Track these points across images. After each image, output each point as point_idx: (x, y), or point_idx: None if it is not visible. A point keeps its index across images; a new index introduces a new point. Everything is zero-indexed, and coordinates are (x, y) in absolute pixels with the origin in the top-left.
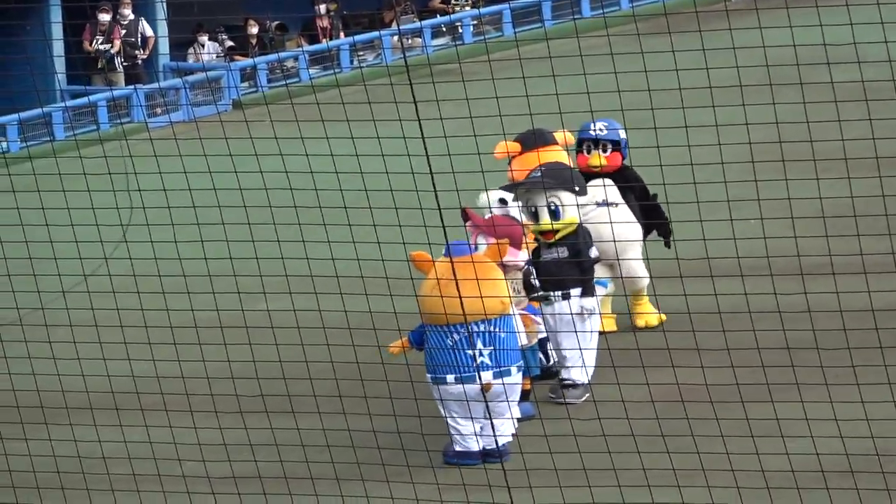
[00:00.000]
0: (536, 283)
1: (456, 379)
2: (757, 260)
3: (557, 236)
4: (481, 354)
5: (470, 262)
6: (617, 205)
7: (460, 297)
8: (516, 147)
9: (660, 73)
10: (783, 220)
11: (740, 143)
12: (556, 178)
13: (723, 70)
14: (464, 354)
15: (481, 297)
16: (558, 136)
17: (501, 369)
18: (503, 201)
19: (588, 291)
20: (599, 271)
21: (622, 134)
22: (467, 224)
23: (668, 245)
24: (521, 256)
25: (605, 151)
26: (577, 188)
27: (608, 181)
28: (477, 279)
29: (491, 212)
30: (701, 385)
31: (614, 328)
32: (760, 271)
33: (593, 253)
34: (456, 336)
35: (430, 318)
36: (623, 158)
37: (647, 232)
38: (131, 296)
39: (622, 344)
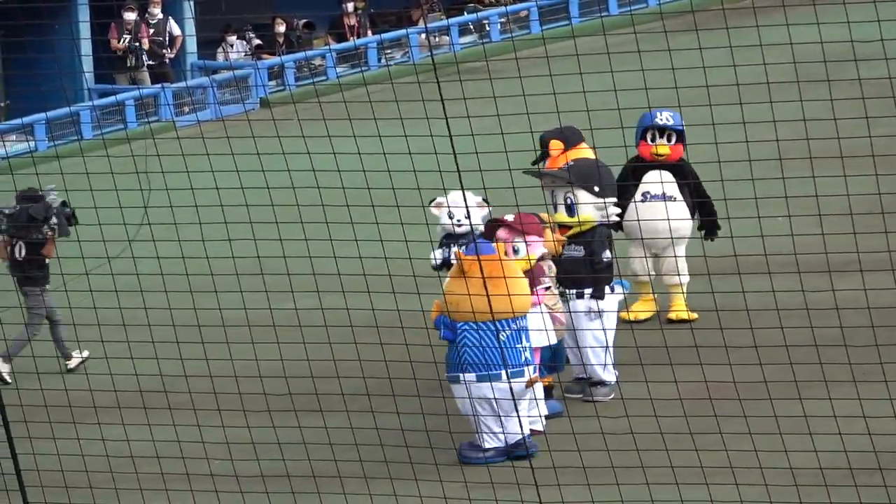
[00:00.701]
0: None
1: (508, 375)
2: (785, 257)
3: (570, 233)
4: (525, 349)
5: (501, 259)
6: (675, 199)
7: (509, 295)
8: (559, 145)
9: (687, 71)
10: (811, 217)
11: (768, 141)
12: (578, 174)
13: (750, 67)
14: (513, 350)
15: (514, 294)
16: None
17: (534, 365)
18: (450, 214)
19: (598, 292)
20: (638, 265)
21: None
22: (500, 230)
23: (711, 240)
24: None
25: (669, 141)
26: (596, 189)
27: (666, 174)
28: (508, 277)
29: (452, 217)
30: (729, 382)
31: (653, 310)
32: (788, 268)
33: (606, 255)
34: (508, 331)
35: (479, 316)
36: (684, 150)
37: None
38: (159, 294)
39: (650, 341)
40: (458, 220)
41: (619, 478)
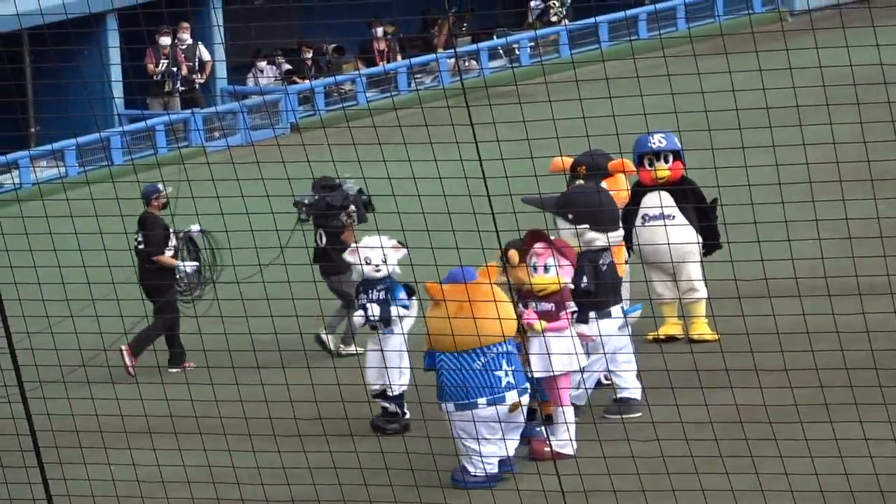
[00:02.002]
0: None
1: (489, 401)
2: (814, 280)
3: None
4: (507, 374)
5: (483, 283)
6: (673, 217)
7: (499, 318)
8: (568, 161)
9: (716, 94)
10: (841, 240)
11: (797, 164)
12: (556, 201)
13: (779, 90)
14: (492, 376)
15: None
16: (615, 163)
17: (520, 388)
18: (367, 260)
19: (582, 318)
20: (660, 287)
21: (678, 143)
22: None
23: (708, 253)
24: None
25: (666, 162)
26: (570, 216)
27: (664, 194)
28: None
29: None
30: (759, 405)
31: (679, 332)
32: (818, 291)
33: (584, 282)
34: (483, 359)
35: (460, 344)
36: (684, 167)
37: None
38: (189, 320)
39: (680, 364)
40: (377, 266)
41: (649, 501)
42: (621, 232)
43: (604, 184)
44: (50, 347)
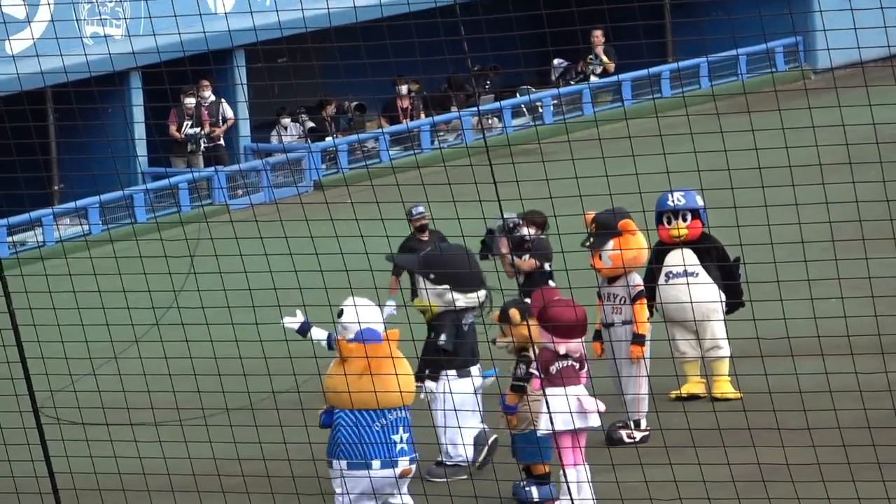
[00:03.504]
0: (518, 372)
1: (382, 464)
2: (837, 339)
3: (427, 317)
4: (402, 440)
5: (377, 351)
6: (697, 274)
7: (417, 375)
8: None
9: (739, 152)
10: (863, 298)
11: (820, 222)
12: (421, 261)
13: (802, 148)
14: (389, 440)
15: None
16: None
17: (412, 457)
18: (340, 312)
19: (432, 371)
20: (683, 345)
21: (699, 200)
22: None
23: (730, 312)
24: (574, 347)
25: (684, 220)
26: (431, 276)
27: (688, 251)
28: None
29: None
30: (782, 464)
31: (701, 390)
32: (841, 350)
33: (442, 339)
34: (383, 421)
35: (358, 404)
36: (703, 225)
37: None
38: (212, 378)
39: (703, 423)
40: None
41: None
42: (483, 292)
43: (611, 243)
44: (73, 405)
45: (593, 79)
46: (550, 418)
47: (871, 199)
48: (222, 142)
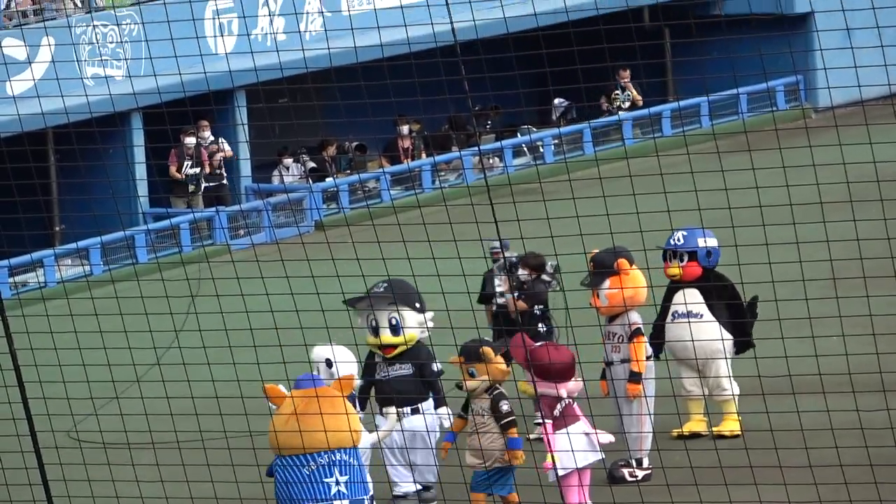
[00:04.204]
0: (505, 407)
1: None
2: (839, 377)
3: (395, 352)
4: (338, 483)
5: (318, 394)
6: (701, 316)
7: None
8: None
9: (740, 191)
10: (865, 336)
11: (821, 260)
12: (399, 294)
13: (804, 187)
14: (319, 484)
15: (322, 428)
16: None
17: (354, 500)
18: (329, 362)
19: (440, 402)
20: (688, 383)
21: (707, 242)
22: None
23: (741, 351)
24: (570, 387)
25: (681, 261)
26: (417, 305)
27: (694, 292)
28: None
29: (331, 366)
30: (784, 502)
31: (703, 429)
32: (842, 388)
33: (436, 366)
34: (313, 465)
35: (286, 450)
36: (707, 267)
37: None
38: (214, 418)
39: (704, 460)
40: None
41: None
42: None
43: (608, 282)
44: (74, 446)
45: (621, 113)
46: (554, 459)
47: (872, 237)
48: (225, 180)
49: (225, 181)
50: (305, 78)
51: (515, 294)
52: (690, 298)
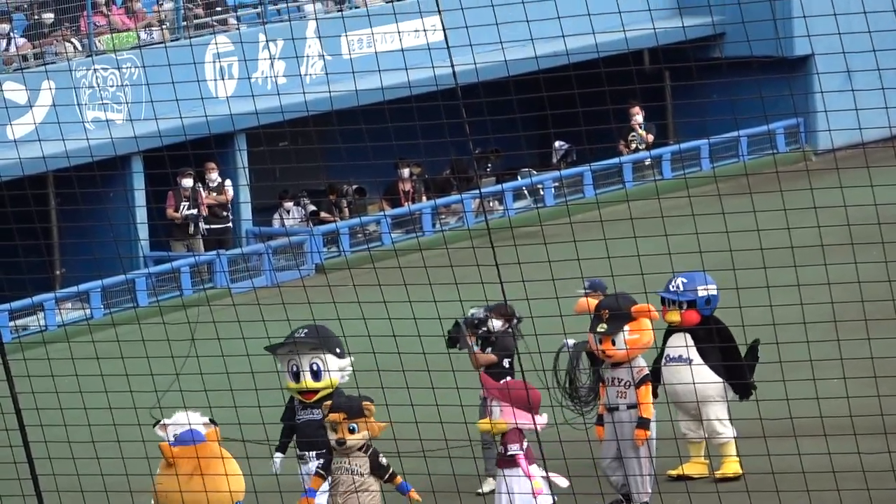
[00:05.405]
0: (384, 461)
1: None
2: (840, 419)
3: (316, 397)
4: None
5: (196, 453)
6: (692, 361)
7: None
8: (594, 302)
9: (741, 233)
10: (866, 378)
11: (822, 303)
12: (319, 339)
13: (804, 229)
14: None
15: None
16: (638, 307)
17: None
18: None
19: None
20: (684, 426)
21: (708, 291)
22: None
23: (741, 400)
24: (540, 420)
25: (680, 308)
26: (338, 350)
27: (688, 337)
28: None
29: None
30: None
31: (701, 472)
32: (843, 431)
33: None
34: None
35: None
36: (706, 315)
37: (734, 386)
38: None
39: (706, 503)
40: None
41: None
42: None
43: (627, 327)
44: (76, 489)
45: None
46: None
47: (873, 279)
48: (230, 223)
49: (230, 224)
50: (306, 121)
51: (481, 347)
52: (682, 343)
